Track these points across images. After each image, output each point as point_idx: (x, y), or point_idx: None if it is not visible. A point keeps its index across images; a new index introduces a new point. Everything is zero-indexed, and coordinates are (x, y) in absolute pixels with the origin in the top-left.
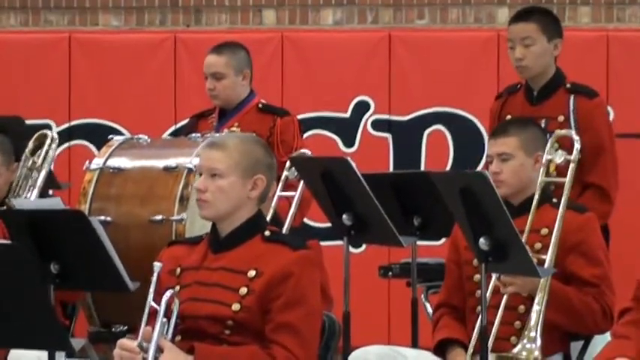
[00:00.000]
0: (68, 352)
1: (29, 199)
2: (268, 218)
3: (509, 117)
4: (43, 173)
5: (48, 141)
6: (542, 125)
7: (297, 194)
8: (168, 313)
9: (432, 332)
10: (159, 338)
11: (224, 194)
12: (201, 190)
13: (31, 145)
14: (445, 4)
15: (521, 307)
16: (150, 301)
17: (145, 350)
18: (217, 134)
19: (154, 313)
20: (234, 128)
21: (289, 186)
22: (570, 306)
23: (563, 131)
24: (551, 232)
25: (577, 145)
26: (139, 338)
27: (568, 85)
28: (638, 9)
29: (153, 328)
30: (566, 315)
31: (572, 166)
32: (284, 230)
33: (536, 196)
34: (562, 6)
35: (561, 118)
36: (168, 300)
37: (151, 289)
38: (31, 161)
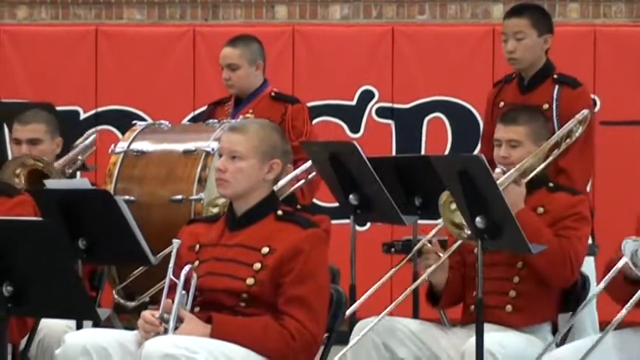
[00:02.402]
0: (94, 321)
1: (59, 180)
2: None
3: (502, 104)
4: (76, 151)
5: (92, 137)
6: None
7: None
8: (187, 286)
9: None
10: (178, 309)
11: (242, 175)
12: (222, 170)
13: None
14: (444, 1)
15: (516, 279)
16: (170, 276)
17: (166, 321)
18: (233, 120)
19: (174, 287)
20: (248, 115)
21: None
22: (540, 236)
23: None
24: (546, 212)
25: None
26: (160, 310)
27: (555, 76)
28: (623, 5)
29: (173, 300)
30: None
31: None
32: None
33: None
34: (552, 2)
35: (546, 106)
36: (187, 274)
37: (171, 264)
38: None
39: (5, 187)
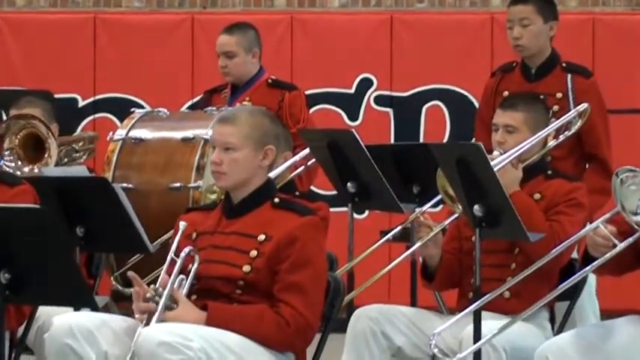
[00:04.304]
0: (92, 308)
1: (57, 168)
2: None
3: (506, 93)
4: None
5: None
6: None
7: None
8: (186, 272)
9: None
10: (174, 291)
11: (238, 165)
12: (217, 163)
13: (82, 144)
14: None
15: (513, 265)
16: (171, 255)
17: (160, 295)
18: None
19: (174, 266)
20: (245, 102)
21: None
22: (530, 220)
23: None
24: (542, 198)
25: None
26: (158, 283)
27: (564, 65)
28: None
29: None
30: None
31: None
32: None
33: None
34: None
35: (559, 95)
36: (187, 256)
37: (175, 242)
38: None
39: (5, 176)
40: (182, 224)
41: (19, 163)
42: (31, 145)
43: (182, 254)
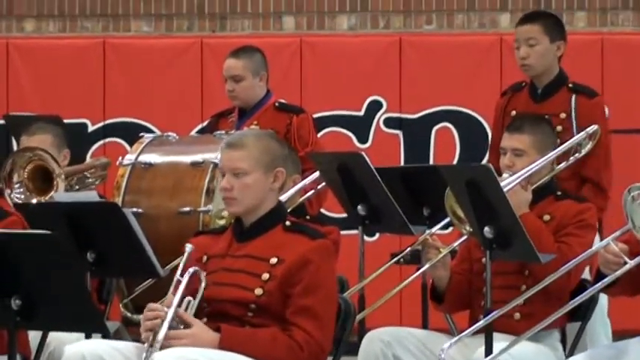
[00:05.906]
0: (104, 334)
1: (67, 193)
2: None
3: (513, 112)
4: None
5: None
6: None
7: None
8: (194, 293)
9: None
10: (177, 304)
11: (250, 190)
12: (227, 189)
13: (93, 170)
14: (451, 11)
15: (523, 287)
16: (177, 276)
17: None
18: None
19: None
20: (253, 126)
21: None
22: (538, 242)
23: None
24: (552, 219)
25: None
26: (164, 303)
27: (570, 85)
28: (631, 14)
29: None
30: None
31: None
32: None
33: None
34: (560, 11)
35: (563, 115)
36: (193, 276)
37: (181, 265)
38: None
39: None
40: (188, 247)
41: (28, 194)
42: (40, 177)
43: (186, 274)
